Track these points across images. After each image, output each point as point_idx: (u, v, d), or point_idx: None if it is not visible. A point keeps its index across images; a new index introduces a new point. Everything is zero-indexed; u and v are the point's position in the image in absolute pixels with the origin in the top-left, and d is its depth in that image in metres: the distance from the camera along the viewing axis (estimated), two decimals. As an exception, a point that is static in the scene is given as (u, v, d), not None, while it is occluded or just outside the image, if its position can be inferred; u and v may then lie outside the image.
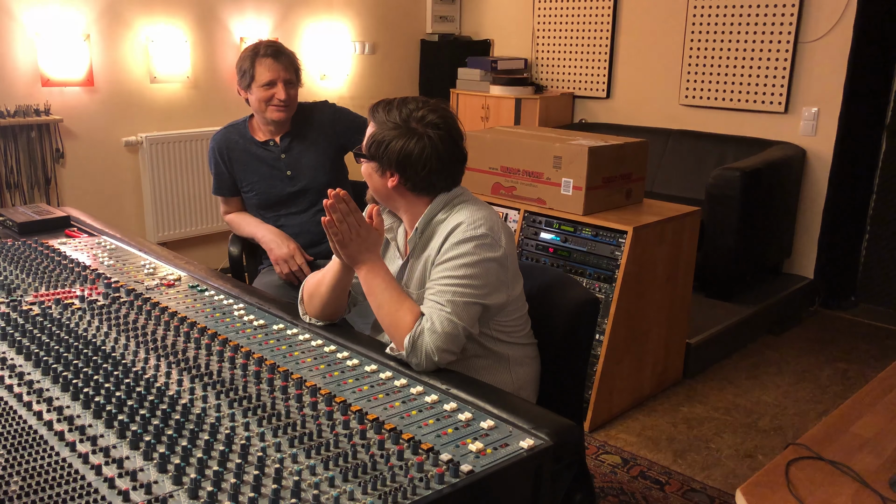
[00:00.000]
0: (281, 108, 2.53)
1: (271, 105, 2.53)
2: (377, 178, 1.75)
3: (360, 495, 1.10)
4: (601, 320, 2.90)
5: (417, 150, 1.68)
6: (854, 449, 1.45)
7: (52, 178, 3.87)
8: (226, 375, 1.48)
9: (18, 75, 3.72)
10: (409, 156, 1.68)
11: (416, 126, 1.69)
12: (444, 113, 1.73)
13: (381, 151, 1.70)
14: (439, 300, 1.60)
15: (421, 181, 1.71)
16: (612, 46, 5.00)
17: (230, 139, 2.65)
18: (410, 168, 1.69)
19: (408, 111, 1.70)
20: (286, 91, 2.51)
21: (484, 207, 1.74)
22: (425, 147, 1.68)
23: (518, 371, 1.80)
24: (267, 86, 2.51)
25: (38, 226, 2.50)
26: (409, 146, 1.68)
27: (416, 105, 1.72)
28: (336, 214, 1.61)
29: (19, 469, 1.13)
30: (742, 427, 3.03)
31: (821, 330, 4.06)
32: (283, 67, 2.52)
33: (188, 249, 4.40)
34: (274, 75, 2.50)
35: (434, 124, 1.70)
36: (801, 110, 4.24)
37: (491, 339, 1.75)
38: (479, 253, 1.64)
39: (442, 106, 1.75)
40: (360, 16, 5.16)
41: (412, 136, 1.68)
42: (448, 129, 1.72)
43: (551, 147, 3.03)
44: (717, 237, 3.79)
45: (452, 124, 1.74)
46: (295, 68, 2.57)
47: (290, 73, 2.54)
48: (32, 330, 1.64)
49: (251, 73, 2.53)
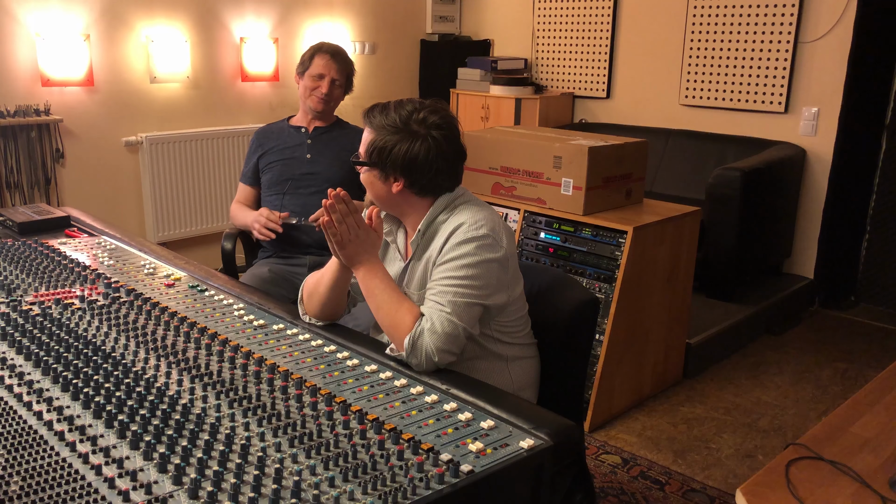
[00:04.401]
0: (321, 101, 2.75)
1: (314, 94, 2.76)
2: (380, 184, 1.73)
3: (360, 495, 1.10)
4: (601, 320, 2.90)
5: (423, 153, 1.67)
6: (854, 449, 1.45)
7: (52, 178, 3.87)
8: (226, 375, 1.48)
9: (18, 75, 3.72)
10: (414, 159, 1.66)
11: (419, 128, 1.67)
12: (444, 113, 1.73)
13: (385, 157, 1.68)
14: (440, 300, 1.60)
15: (428, 183, 1.71)
16: (612, 46, 5.00)
17: (270, 127, 2.91)
18: (417, 171, 1.68)
19: (406, 113, 1.69)
20: (330, 87, 2.74)
21: (485, 208, 1.74)
22: (430, 148, 1.67)
23: (518, 372, 1.80)
24: (316, 77, 2.75)
25: (38, 226, 2.50)
26: (415, 149, 1.66)
27: (414, 107, 1.70)
28: (335, 215, 1.60)
29: (19, 469, 1.13)
30: (742, 427, 3.03)
31: (821, 330, 4.06)
32: (337, 68, 2.75)
33: (188, 249, 4.40)
34: (326, 71, 2.74)
35: (437, 125, 1.69)
36: (801, 110, 4.24)
37: (491, 339, 1.75)
38: (480, 254, 1.63)
39: (440, 106, 1.75)
40: (360, 16, 5.16)
41: (416, 139, 1.67)
42: (450, 129, 1.72)
43: (551, 147, 3.03)
44: (717, 237, 3.79)
45: (453, 123, 1.74)
46: (347, 73, 2.79)
47: (341, 74, 2.76)
48: (32, 330, 1.64)
49: (307, 63, 2.77)
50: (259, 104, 4.64)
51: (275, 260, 2.73)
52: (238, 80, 4.53)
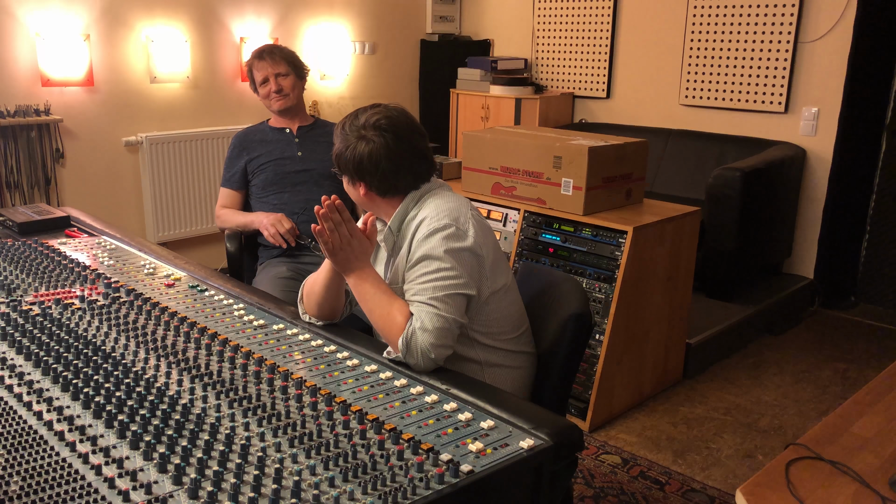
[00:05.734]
0: (279, 98, 2.79)
1: (272, 98, 2.80)
2: (352, 189, 1.80)
3: (360, 495, 1.10)
4: (601, 320, 2.90)
5: (367, 154, 1.71)
6: (854, 449, 1.45)
7: (52, 178, 3.87)
8: (226, 375, 1.48)
9: (18, 75, 3.72)
10: (360, 161, 1.72)
11: (366, 132, 1.72)
12: (390, 113, 1.74)
13: (342, 163, 1.76)
14: (422, 298, 1.60)
15: (380, 183, 1.74)
16: (612, 46, 5.00)
17: (250, 131, 2.93)
18: (367, 173, 1.73)
19: (360, 119, 1.74)
20: (278, 82, 2.78)
21: (452, 199, 1.75)
22: (372, 150, 1.70)
23: (494, 380, 1.73)
24: (263, 83, 2.80)
25: (38, 226, 2.50)
26: (359, 151, 1.71)
27: (371, 112, 1.74)
28: (328, 224, 1.62)
29: (19, 469, 1.13)
30: (742, 427, 3.03)
31: (821, 330, 4.06)
32: (270, 64, 2.79)
33: (188, 249, 4.40)
34: (264, 73, 2.79)
35: (381, 126, 1.71)
36: (801, 110, 4.24)
37: (467, 340, 1.72)
38: (446, 243, 1.64)
39: (394, 107, 1.77)
40: (360, 16, 5.16)
41: (360, 142, 1.72)
42: (394, 129, 1.72)
43: (551, 147, 3.03)
44: (717, 237, 3.79)
45: (400, 122, 1.74)
46: (287, 61, 2.81)
47: (279, 66, 2.79)
48: (32, 330, 1.64)
49: (252, 77, 2.84)
50: (259, 104, 4.58)
51: (285, 258, 2.72)
52: (238, 80, 4.53)
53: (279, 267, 2.66)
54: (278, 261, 2.71)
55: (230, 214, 2.83)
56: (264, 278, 2.63)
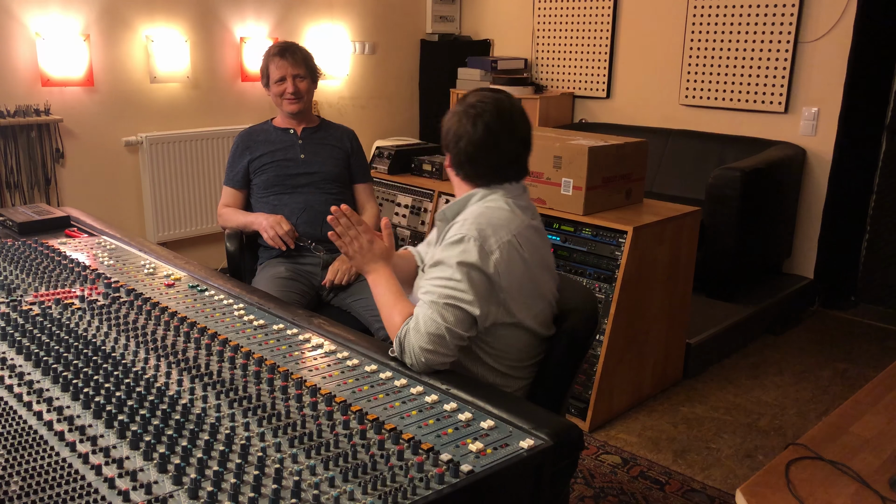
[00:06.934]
0: (293, 101, 2.75)
1: (285, 98, 2.75)
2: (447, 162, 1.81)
3: (360, 495, 1.10)
4: (601, 320, 2.90)
5: (454, 129, 1.72)
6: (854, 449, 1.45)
7: (52, 178, 3.87)
8: (226, 375, 1.48)
9: (18, 75, 3.72)
10: (447, 133, 1.74)
11: (467, 109, 1.72)
12: (500, 105, 1.71)
13: (441, 126, 1.78)
14: (425, 299, 1.60)
15: (457, 161, 1.74)
16: (612, 46, 5.00)
17: (253, 130, 2.89)
18: (449, 146, 1.75)
19: (474, 99, 1.73)
20: (294, 84, 2.73)
21: (502, 216, 1.67)
22: (459, 128, 1.71)
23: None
24: (279, 81, 2.74)
25: (38, 226, 2.50)
26: (450, 123, 1.74)
27: (485, 95, 1.74)
28: (339, 228, 1.70)
29: (19, 469, 1.13)
30: (742, 427, 3.03)
31: (821, 330, 4.06)
32: (291, 63, 2.73)
33: (188, 249, 4.40)
34: (283, 72, 2.72)
35: (478, 109, 1.70)
36: (801, 110, 4.24)
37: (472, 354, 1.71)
38: (461, 256, 1.61)
39: (510, 100, 1.74)
40: (359, 16, 5.16)
41: (456, 116, 1.73)
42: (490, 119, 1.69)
43: (551, 147, 3.03)
44: (717, 237, 3.79)
45: (503, 116, 1.70)
46: (306, 64, 2.77)
47: (299, 68, 2.74)
48: (32, 330, 1.64)
49: (267, 73, 2.77)
50: (259, 104, 4.64)
51: (284, 258, 2.72)
52: (238, 80, 4.53)
53: (278, 267, 2.66)
54: (277, 261, 2.71)
55: (231, 214, 2.82)
56: (263, 278, 2.63)
